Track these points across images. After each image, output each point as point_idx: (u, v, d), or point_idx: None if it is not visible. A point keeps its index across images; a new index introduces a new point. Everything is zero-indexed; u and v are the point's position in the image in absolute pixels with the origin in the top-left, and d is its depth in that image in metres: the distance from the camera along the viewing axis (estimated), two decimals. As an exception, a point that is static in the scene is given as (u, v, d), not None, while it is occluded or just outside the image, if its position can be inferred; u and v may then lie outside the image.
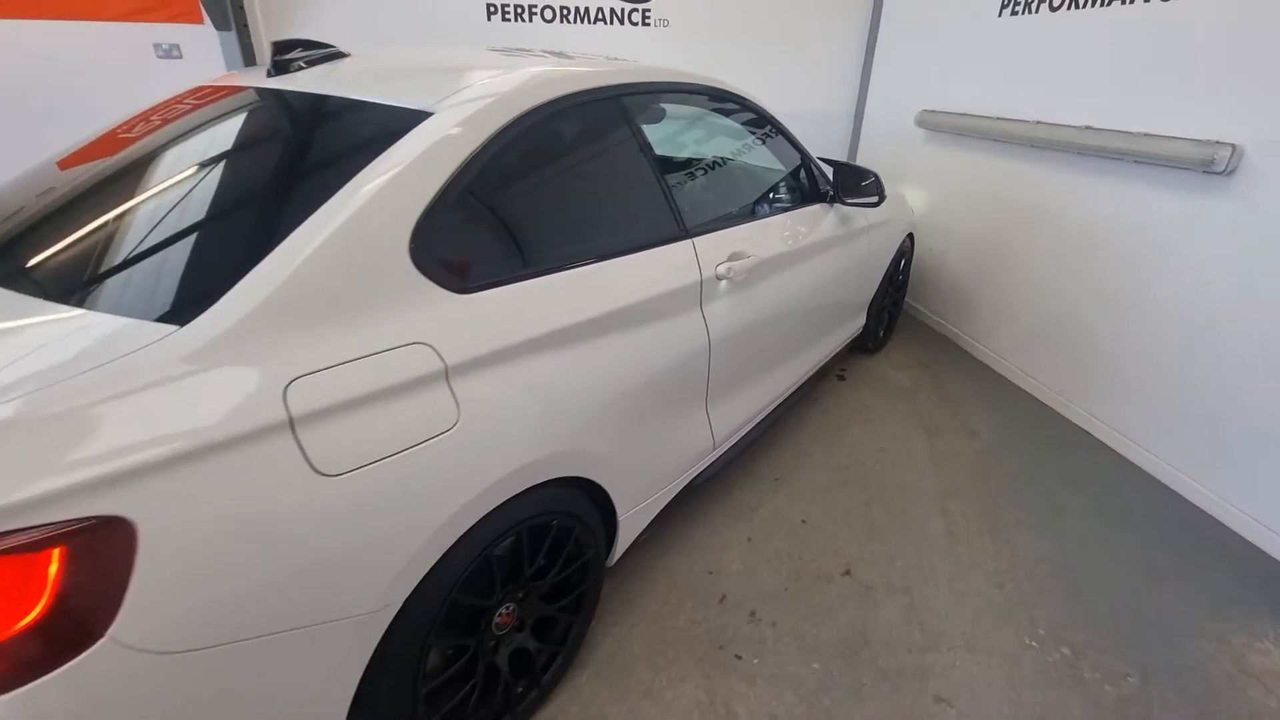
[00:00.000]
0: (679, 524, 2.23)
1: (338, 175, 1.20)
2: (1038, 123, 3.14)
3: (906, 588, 2.04)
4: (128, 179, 1.44)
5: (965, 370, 3.58)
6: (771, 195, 2.44)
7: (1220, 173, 2.33)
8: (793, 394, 2.63)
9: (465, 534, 1.22)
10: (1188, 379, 2.54)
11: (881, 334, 3.65)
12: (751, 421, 2.30)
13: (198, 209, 1.28)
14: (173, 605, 0.88)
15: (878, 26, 4.64)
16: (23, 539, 0.77)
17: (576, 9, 4.37)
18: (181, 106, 1.70)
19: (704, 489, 2.21)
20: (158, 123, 1.63)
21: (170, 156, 1.49)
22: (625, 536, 1.75)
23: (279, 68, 1.64)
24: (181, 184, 1.36)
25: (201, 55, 4.18)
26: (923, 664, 1.78)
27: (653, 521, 1.88)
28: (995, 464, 2.71)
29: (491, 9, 4.30)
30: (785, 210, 2.37)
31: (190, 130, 1.57)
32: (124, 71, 4.19)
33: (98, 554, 0.82)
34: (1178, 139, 2.46)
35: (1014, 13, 3.33)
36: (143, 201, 1.34)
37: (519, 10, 4.32)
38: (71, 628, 0.82)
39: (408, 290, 1.18)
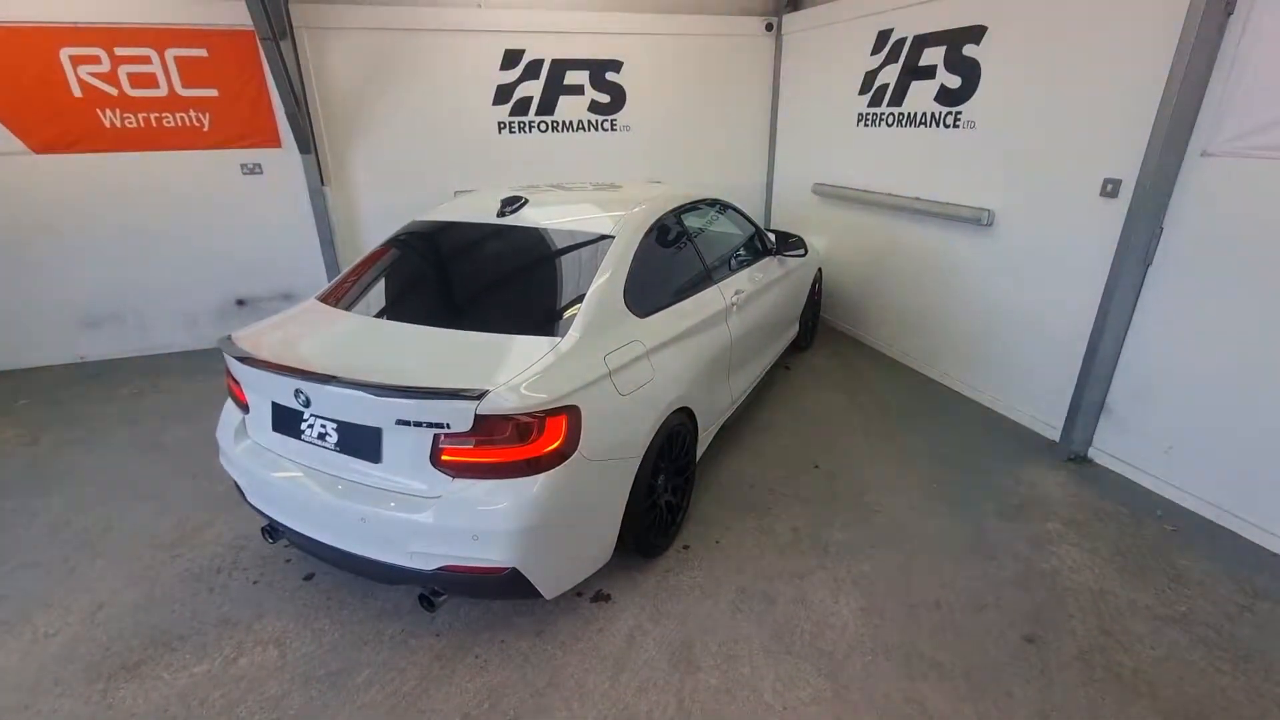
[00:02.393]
0: (718, 457, 3.70)
1: (586, 267, 2.66)
2: (888, 194, 4.98)
3: (848, 470, 3.61)
4: (469, 271, 2.85)
5: (865, 356, 5.33)
6: (745, 255, 4.03)
7: (985, 225, 4.16)
8: (765, 375, 4.19)
9: (658, 429, 2.64)
10: (983, 339, 4.33)
11: (809, 338, 5.33)
12: (748, 389, 3.84)
13: (534, 284, 2.71)
14: (594, 442, 2.26)
15: (776, 129, 6.54)
16: (559, 414, 2.15)
17: (564, 123, 5.91)
18: (442, 235, 3.09)
19: (724, 435, 3.70)
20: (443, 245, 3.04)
21: (484, 259, 2.89)
22: (703, 442, 3.20)
23: (506, 210, 3.05)
24: (514, 273, 2.77)
25: (277, 172, 5.35)
26: (864, 499, 3.33)
27: (708, 448, 3.35)
28: (889, 406, 4.39)
29: (501, 125, 5.75)
30: (753, 263, 3.95)
31: (480, 244, 2.97)
32: (219, 186, 5.29)
33: (573, 419, 2.20)
34: (963, 205, 4.29)
35: (866, 125, 5.21)
36: (503, 281, 2.74)
37: (522, 125, 5.80)
38: (568, 449, 2.18)
39: (624, 318, 2.63)
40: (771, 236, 4.25)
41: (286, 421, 2.39)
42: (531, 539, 2.15)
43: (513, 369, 2.19)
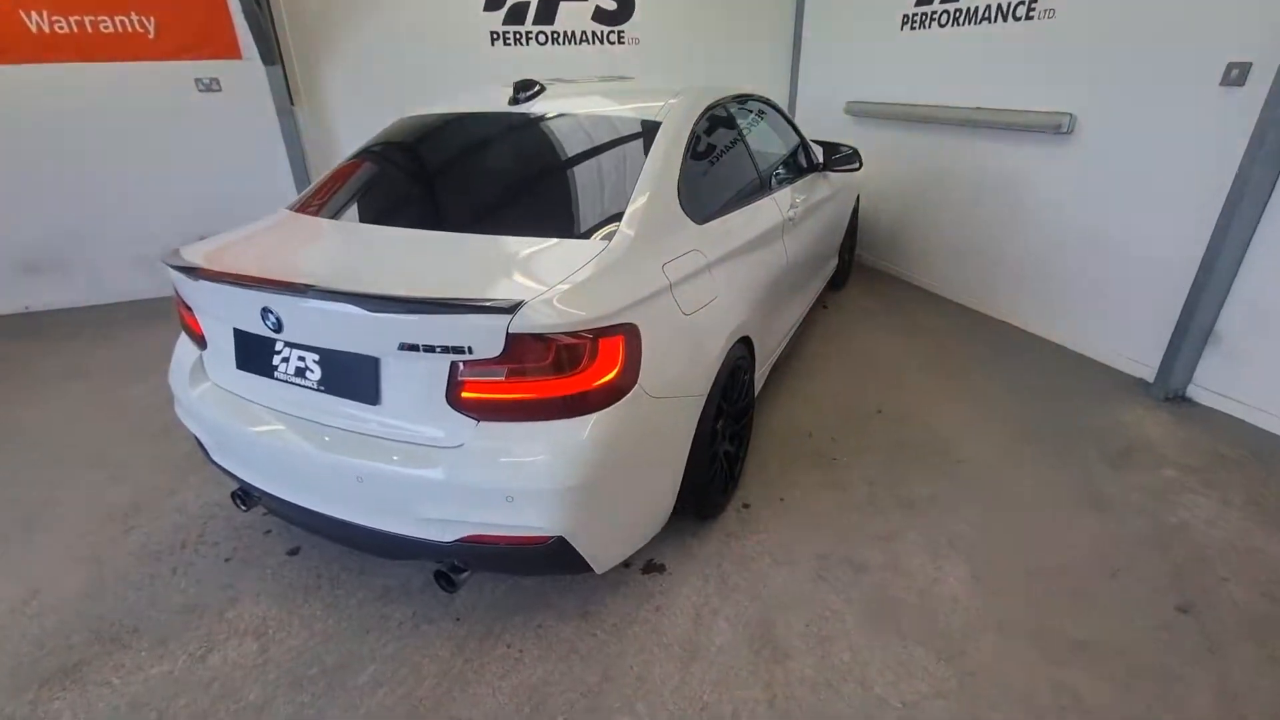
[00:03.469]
0: (768, 403, 3.20)
1: (632, 159, 2.09)
2: (940, 107, 4.39)
3: (916, 415, 3.13)
4: (484, 168, 2.27)
5: (909, 293, 4.81)
6: (795, 165, 3.45)
7: (1065, 132, 3.61)
8: (807, 312, 3.67)
9: (724, 361, 2.13)
10: (1056, 268, 3.82)
11: (845, 273, 4.80)
12: (796, 324, 3.32)
13: (567, 180, 2.14)
14: (657, 373, 1.74)
15: (800, 43, 5.85)
16: (615, 334, 1.62)
17: (565, 33, 5.21)
18: (449, 125, 2.50)
19: (772, 378, 3.20)
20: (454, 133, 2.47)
21: (500, 153, 2.32)
22: (759, 377, 2.69)
23: (521, 96, 2.45)
24: (539, 168, 2.20)
25: (239, 89, 4.65)
26: (942, 448, 2.87)
27: (759, 395, 2.84)
28: (946, 346, 3.90)
29: (494, 35, 5.05)
30: (801, 177, 3.39)
31: (494, 136, 2.39)
32: (172, 107, 4.59)
33: (631, 341, 1.67)
34: (1037, 111, 3.72)
35: (913, 28, 4.57)
36: (526, 177, 2.18)
37: (517, 36, 5.10)
38: (625, 382, 1.66)
39: (680, 223, 2.08)
40: (817, 149, 3.68)
41: (253, 355, 1.85)
42: (582, 499, 1.65)
43: (551, 277, 1.64)
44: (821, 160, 3.64)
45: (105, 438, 3.06)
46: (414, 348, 1.56)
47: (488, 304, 1.50)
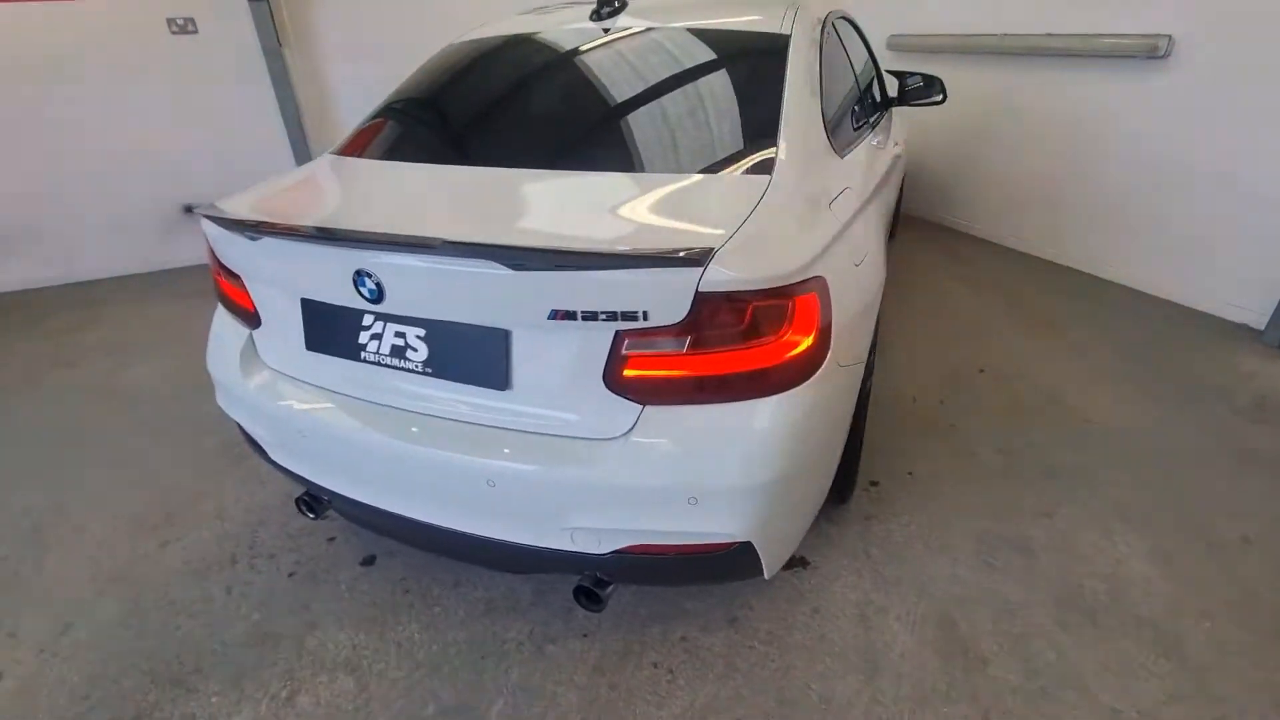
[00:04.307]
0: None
1: (763, 78, 1.72)
2: (1004, 34, 4.02)
3: (1021, 372, 2.86)
4: (581, 94, 1.87)
5: (968, 243, 4.52)
6: (884, 95, 3.08)
7: (1161, 56, 3.29)
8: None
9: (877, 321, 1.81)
10: (1141, 210, 3.55)
11: (895, 222, 4.47)
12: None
13: (689, 105, 1.75)
14: (842, 336, 1.41)
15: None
16: (810, 291, 1.28)
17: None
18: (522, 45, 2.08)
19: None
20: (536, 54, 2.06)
21: (598, 76, 1.90)
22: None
23: (605, 10, 2.05)
24: (650, 92, 1.79)
25: (217, 29, 4.10)
26: (1063, 407, 2.61)
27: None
28: (1024, 297, 3.63)
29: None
30: (889, 107, 3.01)
31: (583, 58, 1.97)
32: (141, 51, 4.03)
33: (824, 298, 1.34)
34: (1125, 35, 3.39)
35: (974, -53, 4.17)
36: (639, 103, 1.77)
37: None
38: (820, 350, 1.33)
39: (828, 155, 1.73)
40: (890, 79, 3.30)
41: (331, 332, 1.48)
42: (776, 495, 1.33)
43: (721, 222, 1.29)
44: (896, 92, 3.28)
45: (110, 433, 2.65)
46: (570, 316, 1.21)
47: (677, 255, 1.15)
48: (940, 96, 3.25)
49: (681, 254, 1.15)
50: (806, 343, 1.30)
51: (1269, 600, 1.74)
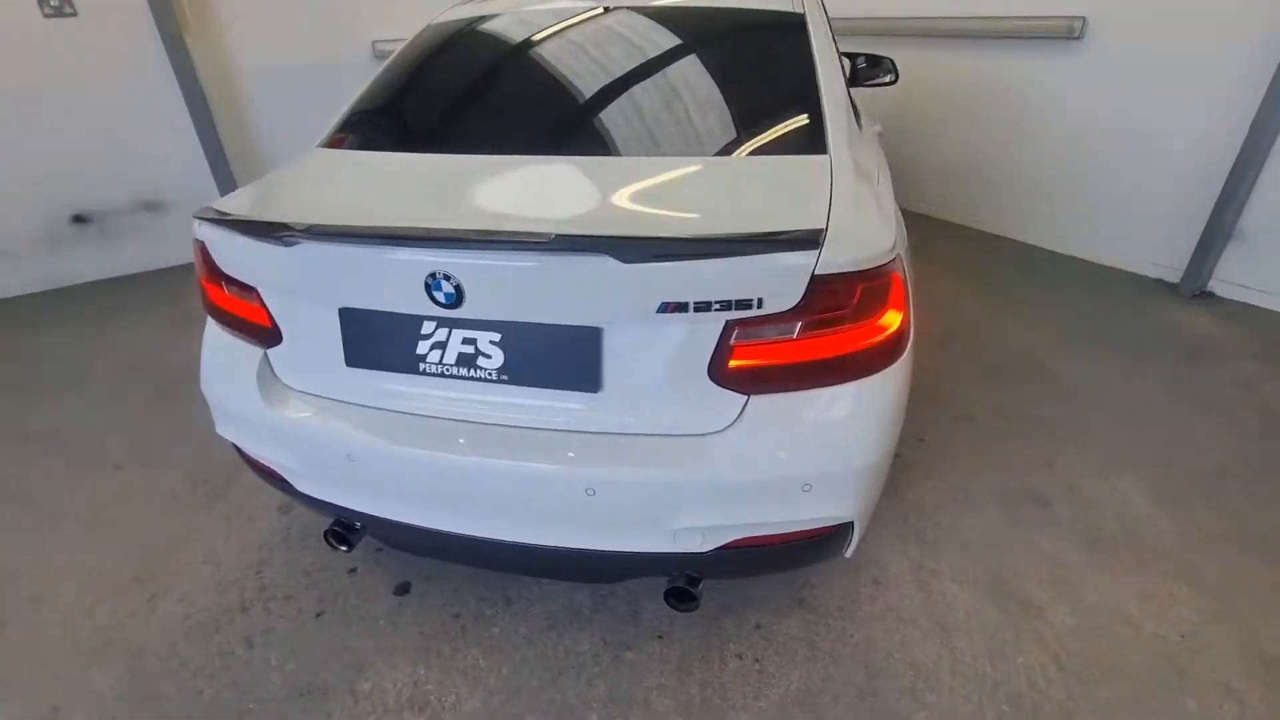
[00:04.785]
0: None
1: (791, 54, 1.72)
2: (926, 18, 4.24)
3: (986, 338, 3.05)
4: (602, 74, 1.78)
5: (907, 218, 4.75)
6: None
7: (1076, 37, 3.58)
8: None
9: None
10: (1064, 181, 3.87)
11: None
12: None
13: (738, 85, 1.72)
14: (913, 312, 1.43)
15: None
16: (897, 266, 1.28)
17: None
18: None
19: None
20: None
21: (633, 52, 1.83)
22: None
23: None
24: (698, 71, 1.75)
25: (101, 10, 3.62)
26: (1034, 367, 2.80)
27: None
28: (968, 267, 3.88)
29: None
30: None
31: (607, 35, 1.90)
32: (9, 37, 3.49)
33: (903, 273, 1.33)
34: (1047, 17, 3.66)
35: (897, -66, 4.35)
36: (667, 82, 1.72)
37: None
38: (908, 325, 1.34)
39: (858, 132, 1.74)
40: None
41: (380, 345, 1.34)
42: (880, 472, 1.35)
43: (804, 202, 1.28)
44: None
45: (42, 479, 2.30)
46: (681, 308, 1.15)
47: (794, 238, 1.11)
48: (890, 77, 3.36)
49: (797, 238, 1.12)
50: (899, 319, 1.30)
51: (1260, 528, 1.95)
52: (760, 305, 1.16)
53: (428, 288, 1.19)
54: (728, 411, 1.26)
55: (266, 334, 1.45)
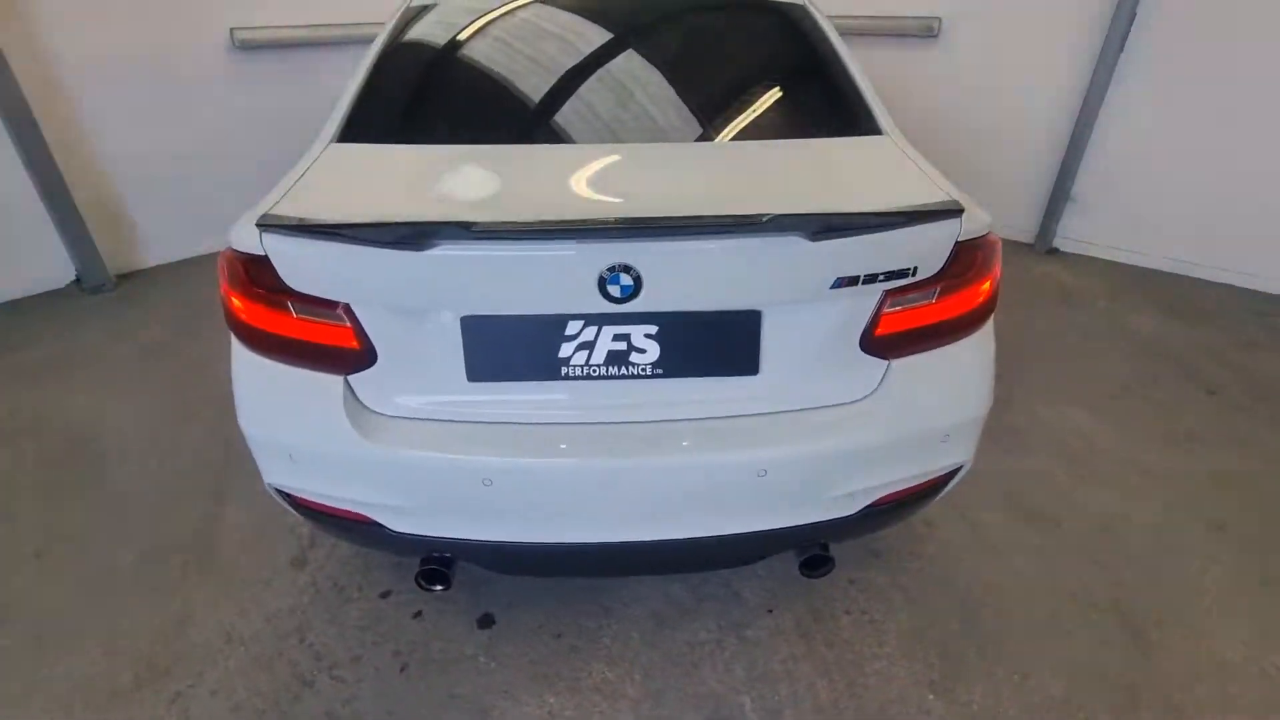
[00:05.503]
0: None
1: (809, 39, 1.85)
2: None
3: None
4: (675, 59, 1.78)
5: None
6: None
7: (933, 35, 4.11)
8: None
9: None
10: (930, 156, 4.43)
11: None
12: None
13: (798, 76, 1.81)
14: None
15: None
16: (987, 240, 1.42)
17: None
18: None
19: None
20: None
21: (672, 37, 1.85)
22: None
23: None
24: (754, 65, 1.81)
25: None
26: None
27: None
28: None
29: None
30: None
31: (635, 20, 1.89)
32: None
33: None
34: (909, 17, 4.16)
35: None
36: (750, 65, 1.80)
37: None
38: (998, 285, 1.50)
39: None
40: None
41: (513, 353, 1.24)
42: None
43: (912, 177, 1.40)
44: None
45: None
46: (852, 281, 1.20)
47: (943, 208, 1.21)
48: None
49: (947, 208, 1.21)
50: (996, 276, 1.46)
51: (1165, 427, 2.44)
52: (915, 274, 1.24)
53: (601, 282, 1.12)
54: (872, 377, 1.33)
55: (353, 358, 1.26)
